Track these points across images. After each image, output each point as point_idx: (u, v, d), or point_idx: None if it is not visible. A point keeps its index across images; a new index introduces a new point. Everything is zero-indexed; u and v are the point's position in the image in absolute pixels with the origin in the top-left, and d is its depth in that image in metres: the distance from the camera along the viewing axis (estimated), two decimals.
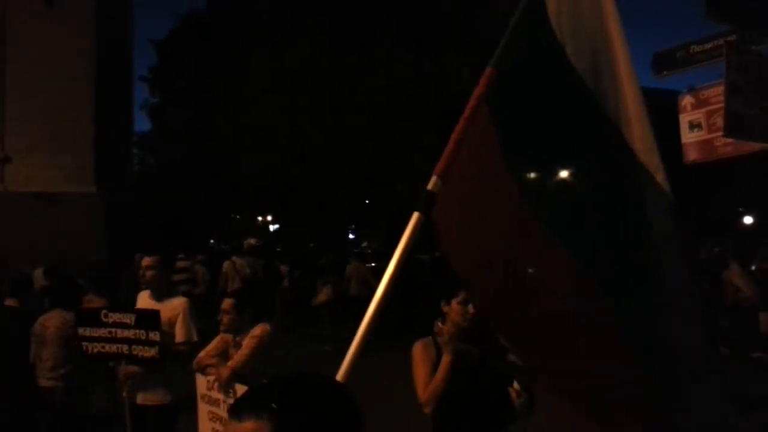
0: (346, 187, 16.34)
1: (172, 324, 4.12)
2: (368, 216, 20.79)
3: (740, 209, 31.51)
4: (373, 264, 20.34)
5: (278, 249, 21.96)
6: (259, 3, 17.75)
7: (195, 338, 4.16)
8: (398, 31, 15.43)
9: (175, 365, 4.19)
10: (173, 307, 4.17)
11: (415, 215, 1.91)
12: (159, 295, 4.27)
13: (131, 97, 21.84)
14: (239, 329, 3.93)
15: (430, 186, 1.93)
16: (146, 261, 4.33)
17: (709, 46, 5.50)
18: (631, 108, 2.05)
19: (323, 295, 11.81)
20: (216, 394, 3.84)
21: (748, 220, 31.17)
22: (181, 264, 11.77)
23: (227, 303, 3.98)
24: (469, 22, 15.11)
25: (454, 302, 3.03)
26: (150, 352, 3.99)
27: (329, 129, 15.20)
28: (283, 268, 13.83)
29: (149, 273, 4.27)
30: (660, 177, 2.01)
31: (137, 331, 4.04)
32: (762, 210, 27.75)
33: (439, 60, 14.65)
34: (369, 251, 23.39)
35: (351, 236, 26.15)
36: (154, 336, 3.99)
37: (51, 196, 13.58)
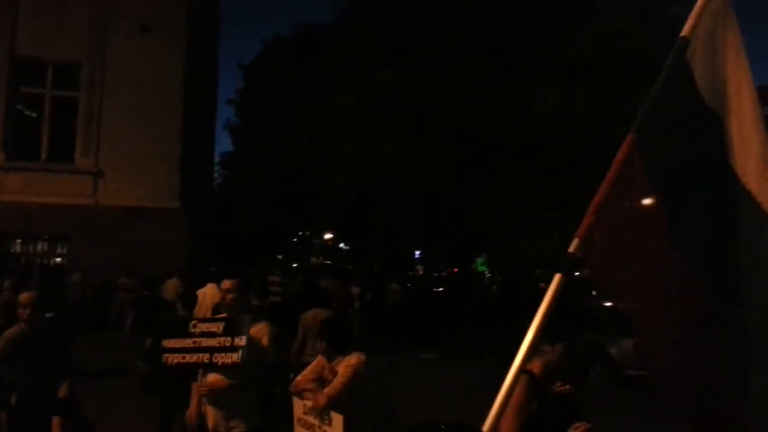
0: (422, 211, 16.29)
1: (254, 344, 4.07)
2: (438, 241, 20.74)
3: None
4: (440, 288, 20.32)
5: (349, 267, 22.20)
6: (345, 28, 18.14)
7: (272, 362, 4.13)
8: (484, 55, 15.35)
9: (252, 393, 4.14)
10: (255, 331, 4.11)
11: (557, 277, 1.98)
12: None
13: (215, 119, 22.76)
14: (334, 355, 3.89)
15: (571, 249, 1.99)
16: (226, 284, 4.27)
17: None
18: (754, 158, 2.12)
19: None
20: (312, 420, 3.79)
21: None
22: (273, 278, 12.19)
23: (321, 331, 3.95)
24: (555, 47, 14.87)
25: (558, 346, 2.97)
26: (232, 357, 3.90)
27: (410, 153, 15.25)
28: (354, 290, 13.86)
29: (229, 296, 4.22)
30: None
31: (223, 338, 3.96)
32: None
33: (524, 85, 14.49)
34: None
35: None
36: (240, 341, 3.90)
37: (139, 210, 14.22)
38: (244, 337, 3.94)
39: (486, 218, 14.27)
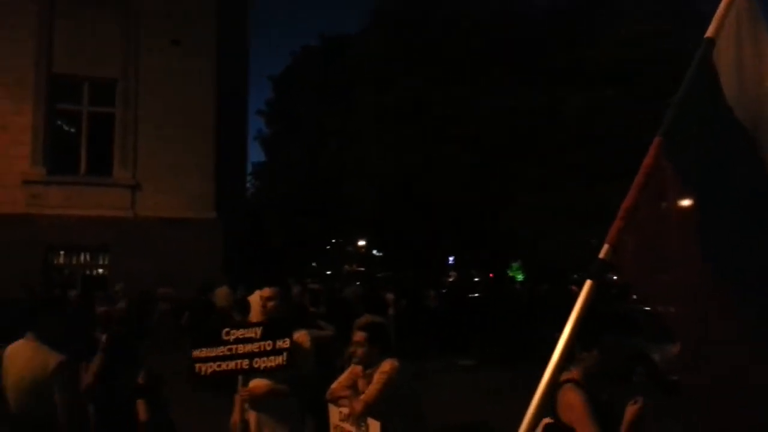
0: (450, 218, 16.31)
1: (295, 353, 4.11)
2: (470, 247, 20.69)
3: None
4: (476, 294, 20.21)
5: (379, 275, 22.24)
6: (371, 38, 18.29)
7: (313, 370, 4.18)
8: (507, 62, 15.33)
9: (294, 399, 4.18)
10: (296, 338, 4.15)
11: (588, 283, 1.99)
12: None
13: (246, 130, 23.13)
14: (370, 362, 3.93)
15: (602, 255, 2.00)
16: (266, 292, 4.31)
17: None
18: None
19: None
20: (349, 427, 3.84)
21: None
22: (313, 286, 12.46)
23: (360, 335, 3.99)
24: (580, 53, 14.75)
25: (595, 351, 2.98)
26: (276, 360, 3.91)
27: (435, 160, 15.28)
28: (389, 296, 13.89)
29: (270, 304, 4.27)
30: None
31: (263, 342, 3.98)
32: None
33: (549, 90, 14.41)
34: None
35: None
36: (283, 343, 3.92)
37: (176, 221, 14.54)
38: (287, 339, 3.99)
39: (514, 224, 14.20)
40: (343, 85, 19.17)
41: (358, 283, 12.50)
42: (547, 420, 2.83)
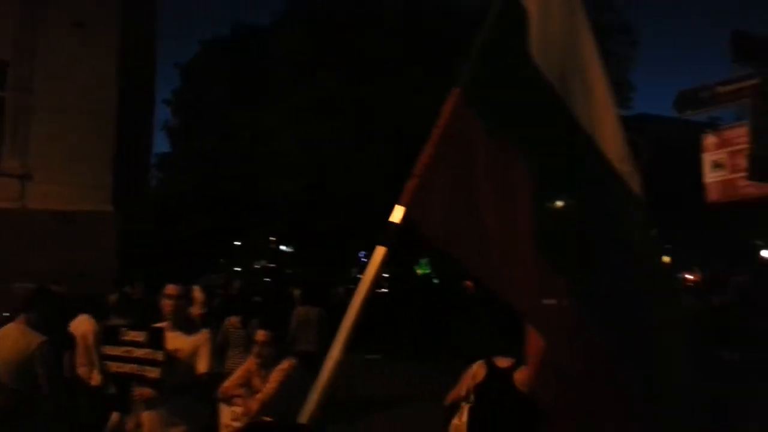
0: (365, 213, 16.36)
1: (195, 354, 4.04)
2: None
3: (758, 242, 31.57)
4: (385, 290, 20.45)
5: (289, 271, 22.01)
6: (285, 31, 18.00)
7: (216, 369, 4.13)
8: (422, 61, 15.51)
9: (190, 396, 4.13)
10: (196, 339, 4.09)
11: (380, 250, 1.90)
12: (180, 327, 4.15)
13: (152, 119, 22.20)
14: (269, 362, 3.90)
15: (394, 218, 1.89)
16: (168, 290, 4.20)
17: (733, 87, 5.50)
18: (605, 120, 2.07)
19: None
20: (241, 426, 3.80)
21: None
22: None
23: (262, 335, 3.93)
24: None
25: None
26: (154, 372, 3.86)
27: (352, 155, 15.25)
28: (296, 292, 13.78)
29: (169, 303, 4.16)
30: (634, 184, 2.05)
31: (148, 350, 3.93)
32: None
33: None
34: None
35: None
36: (158, 356, 3.88)
37: (67, 214, 13.69)
38: (161, 352, 3.91)
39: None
40: (256, 77, 18.77)
41: (240, 279, 12.26)
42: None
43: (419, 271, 17.25)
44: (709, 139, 5.59)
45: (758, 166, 4.27)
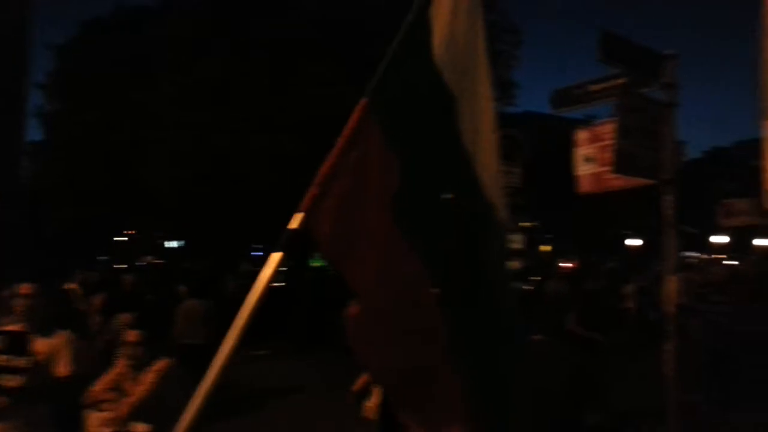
0: (261, 205, 15.99)
1: (53, 358, 3.78)
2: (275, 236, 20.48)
3: (626, 232, 34.51)
4: (282, 283, 20.20)
5: (176, 266, 21.15)
6: (170, 15, 17.17)
7: (81, 371, 3.87)
8: (320, 52, 15.35)
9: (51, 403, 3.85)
10: (54, 342, 3.82)
11: (276, 255, 1.90)
12: (36, 329, 3.86)
13: (24, 104, 20.43)
14: (144, 363, 3.71)
15: (292, 224, 1.90)
16: (23, 289, 3.92)
17: (603, 86, 5.89)
18: (485, 139, 2.15)
19: None
20: None
21: (632, 242, 34.57)
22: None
23: (134, 335, 3.73)
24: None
25: None
26: (14, 380, 3.60)
27: (247, 146, 14.85)
28: (182, 288, 13.25)
29: (21, 303, 3.87)
30: (500, 209, 2.16)
31: (6, 356, 3.65)
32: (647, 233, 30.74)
33: (361, 81, 14.68)
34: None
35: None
36: (20, 362, 3.62)
37: None
38: (23, 358, 3.63)
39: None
40: (139, 62, 17.76)
41: (132, 275, 11.67)
42: None
43: (314, 264, 17.16)
44: (581, 135, 5.96)
45: (621, 160, 4.61)
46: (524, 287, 12.47)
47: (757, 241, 28.84)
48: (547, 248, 35.30)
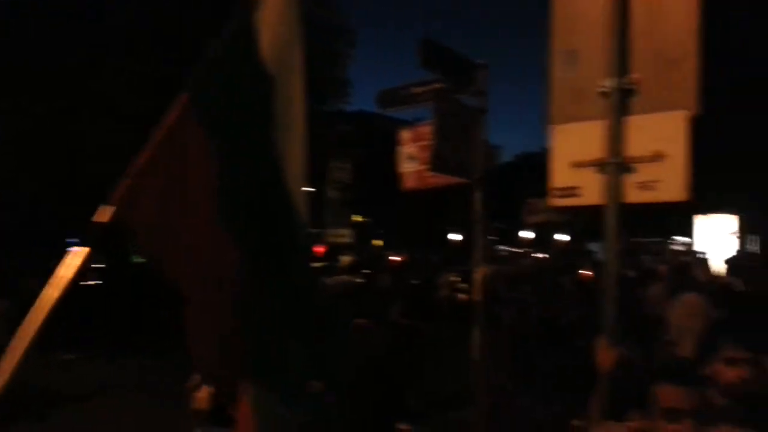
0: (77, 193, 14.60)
1: None
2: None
3: (449, 227, 36.99)
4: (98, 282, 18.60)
5: None
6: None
7: None
8: (131, 35, 14.45)
9: None
10: None
11: (83, 251, 1.86)
12: None
13: None
14: None
15: (99, 218, 1.86)
16: None
17: (424, 89, 6.22)
18: (295, 133, 2.22)
19: None
20: None
21: (454, 236, 37.25)
22: None
23: None
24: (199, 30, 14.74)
25: None
26: None
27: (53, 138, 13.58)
28: None
29: None
30: (301, 206, 2.23)
31: None
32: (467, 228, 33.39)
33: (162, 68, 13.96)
34: None
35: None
36: None
37: None
38: None
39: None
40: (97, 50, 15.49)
41: None
42: None
43: (136, 260, 16.04)
44: (405, 135, 6.25)
45: (437, 160, 4.91)
46: (356, 280, 12.81)
47: (557, 236, 32.43)
48: (379, 243, 36.48)
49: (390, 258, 21.36)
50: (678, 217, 24.71)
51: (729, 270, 12.89)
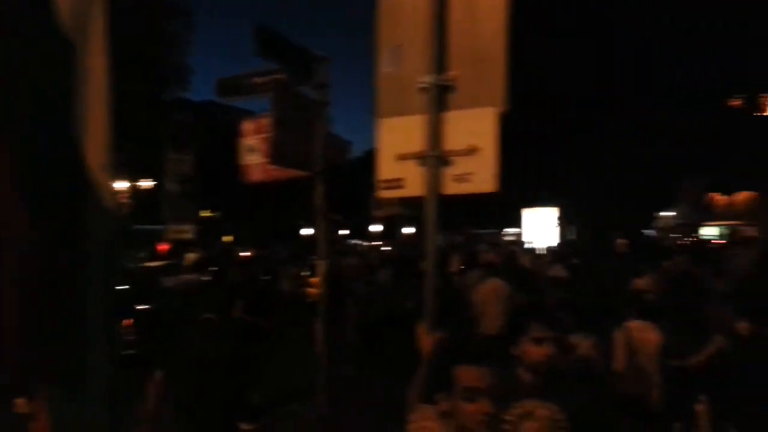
0: None
1: None
2: None
3: (301, 222, 36.92)
4: None
5: None
6: None
7: None
8: None
9: None
10: None
11: None
12: None
13: None
14: None
15: None
16: None
17: (265, 79, 6.09)
18: (96, 118, 2.10)
19: None
20: None
21: (306, 231, 37.42)
22: None
23: None
24: None
25: None
26: None
27: None
28: None
29: None
30: (105, 199, 2.12)
31: None
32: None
33: None
34: None
35: None
36: None
37: None
38: None
39: None
40: None
41: None
42: None
43: None
44: (246, 126, 6.08)
45: (276, 152, 4.83)
46: (202, 278, 12.31)
47: (404, 229, 33.68)
48: (230, 238, 35.43)
49: (239, 254, 20.86)
50: (512, 210, 26.75)
51: (551, 257, 14.21)
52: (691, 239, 25.52)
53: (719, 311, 5.14)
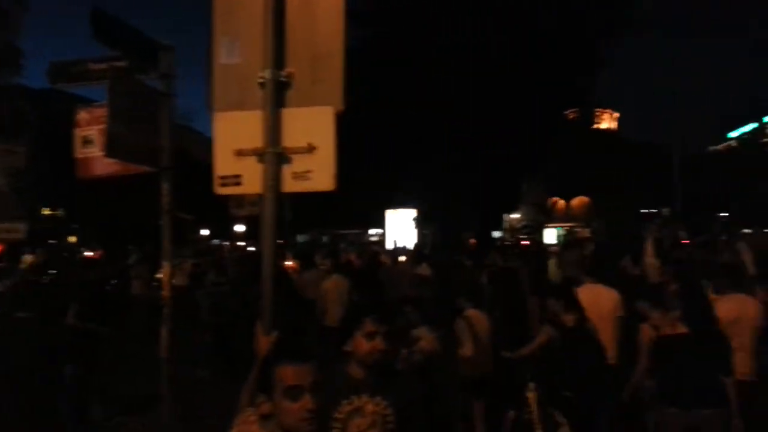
0: None
1: None
2: None
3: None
4: None
5: None
6: None
7: None
8: None
9: None
10: None
11: None
12: None
13: None
14: None
15: None
16: None
17: (103, 66, 5.64)
18: None
19: None
20: None
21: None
22: None
23: None
24: None
25: None
26: None
27: None
28: None
29: None
30: None
31: None
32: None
33: None
34: None
35: None
36: None
37: None
38: None
39: None
40: None
41: None
42: None
43: None
44: (81, 115, 5.60)
45: (113, 144, 4.49)
46: (40, 280, 11.29)
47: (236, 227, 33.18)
48: (73, 239, 32.71)
49: (84, 255, 19.33)
50: (377, 211, 27.24)
51: (412, 256, 14.66)
52: (531, 240, 27.71)
53: (548, 304, 5.57)
